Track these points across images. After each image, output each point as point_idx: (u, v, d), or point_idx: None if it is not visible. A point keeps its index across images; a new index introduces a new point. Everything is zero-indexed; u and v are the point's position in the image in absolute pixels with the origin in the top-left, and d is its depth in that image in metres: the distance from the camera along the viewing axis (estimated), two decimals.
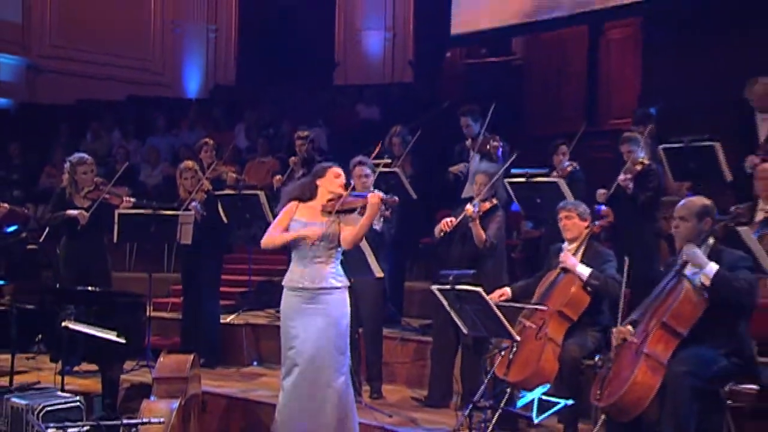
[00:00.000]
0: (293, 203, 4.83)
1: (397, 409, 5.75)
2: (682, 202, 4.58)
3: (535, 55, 11.29)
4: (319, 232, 4.64)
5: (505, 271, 5.98)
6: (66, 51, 13.74)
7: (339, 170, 4.84)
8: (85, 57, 13.84)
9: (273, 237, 4.76)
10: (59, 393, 4.72)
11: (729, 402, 4.36)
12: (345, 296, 4.78)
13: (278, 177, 7.97)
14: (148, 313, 6.55)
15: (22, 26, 13.27)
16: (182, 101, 14.60)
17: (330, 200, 4.72)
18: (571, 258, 5.11)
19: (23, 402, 4.59)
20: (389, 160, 7.16)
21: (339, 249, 4.73)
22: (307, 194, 4.82)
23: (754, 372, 4.41)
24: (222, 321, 7.38)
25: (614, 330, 4.48)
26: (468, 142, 7.36)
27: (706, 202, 4.54)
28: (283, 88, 14.10)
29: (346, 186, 4.82)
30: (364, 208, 4.60)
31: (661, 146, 6.60)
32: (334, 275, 4.73)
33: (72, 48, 13.74)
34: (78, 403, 4.67)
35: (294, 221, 4.76)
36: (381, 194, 4.58)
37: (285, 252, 8.33)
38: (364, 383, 6.13)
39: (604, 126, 10.10)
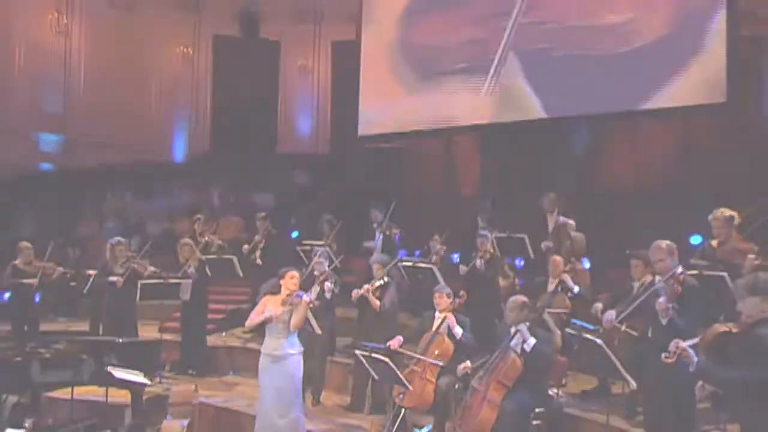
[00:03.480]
0: (267, 297, 4.91)
1: (329, 415, 5.82)
2: (509, 303, 4.82)
3: (411, 145, 11.57)
4: (278, 312, 4.76)
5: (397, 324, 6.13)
6: (92, 129, 13.03)
7: (294, 272, 4.92)
8: (105, 133, 13.14)
9: (252, 319, 4.91)
10: None
11: (534, 422, 4.74)
12: (299, 359, 4.84)
13: (246, 246, 7.97)
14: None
15: (64, 116, 12.90)
16: (172, 164, 14.20)
17: (287, 296, 4.80)
18: (453, 319, 5.28)
19: None
20: (321, 242, 7.29)
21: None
22: (275, 291, 4.90)
23: (547, 403, 4.80)
24: (208, 344, 7.34)
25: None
26: (375, 225, 7.48)
27: (523, 299, 4.85)
28: (242, 154, 13.92)
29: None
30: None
31: (493, 235, 7.00)
32: (290, 345, 4.80)
33: (96, 127, 13.03)
34: None
35: (266, 310, 4.84)
36: (307, 299, 4.75)
37: (247, 285, 8.37)
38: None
39: (458, 194, 10.49)
